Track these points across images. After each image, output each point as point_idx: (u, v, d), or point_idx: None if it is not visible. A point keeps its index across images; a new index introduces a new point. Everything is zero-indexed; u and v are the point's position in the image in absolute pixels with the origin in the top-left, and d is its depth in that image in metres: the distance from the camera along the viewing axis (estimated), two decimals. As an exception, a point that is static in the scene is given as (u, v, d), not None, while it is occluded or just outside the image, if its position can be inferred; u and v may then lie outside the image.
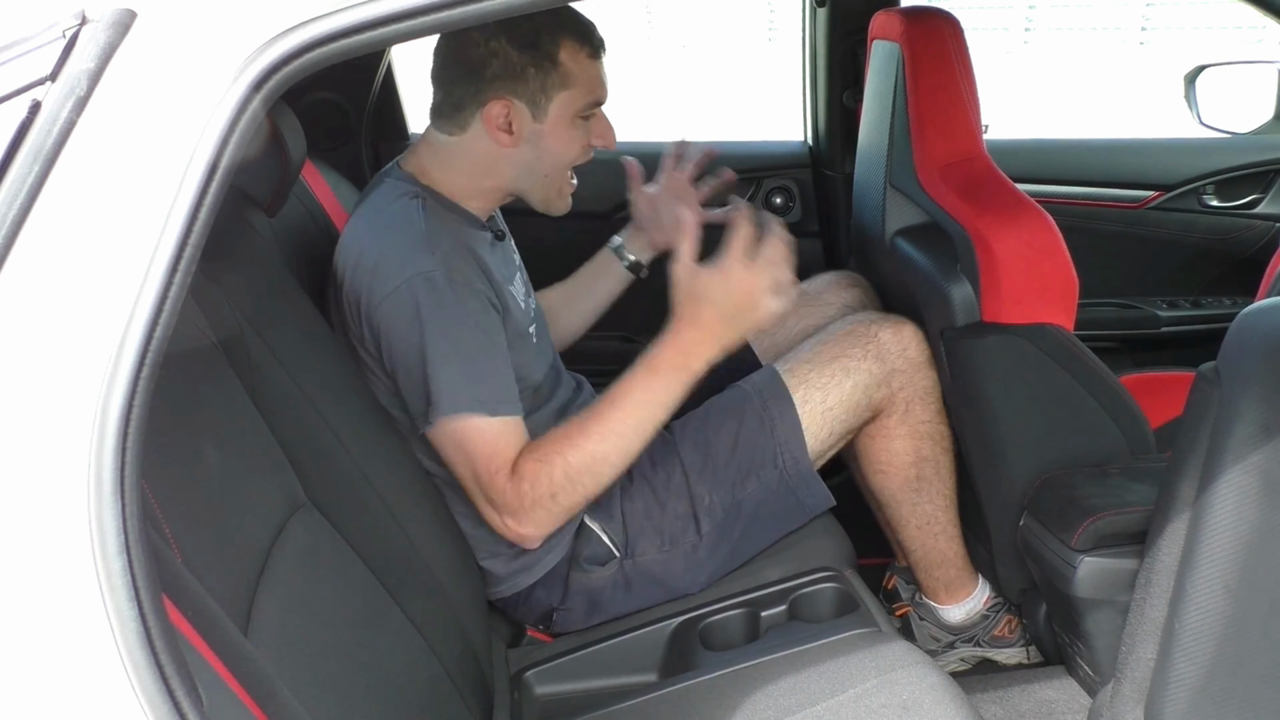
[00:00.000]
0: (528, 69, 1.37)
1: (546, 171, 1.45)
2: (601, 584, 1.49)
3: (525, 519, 1.33)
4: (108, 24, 0.70)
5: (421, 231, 1.35)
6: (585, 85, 1.41)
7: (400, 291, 1.31)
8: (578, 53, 1.39)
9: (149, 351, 0.65)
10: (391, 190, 1.44)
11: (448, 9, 0.72)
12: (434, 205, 1.41)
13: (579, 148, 1.45)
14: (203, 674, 0.67)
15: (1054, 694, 1.57)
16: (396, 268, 1.32)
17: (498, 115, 1.39)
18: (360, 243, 1.39)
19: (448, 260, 1.34)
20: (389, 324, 1.32)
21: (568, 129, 1.42)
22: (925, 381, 1.58)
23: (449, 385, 1.31)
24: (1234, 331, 1.13)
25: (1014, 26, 12.21)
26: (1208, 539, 1.10)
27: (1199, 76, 2.22)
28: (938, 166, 1.56)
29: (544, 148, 1.42)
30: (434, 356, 1.30)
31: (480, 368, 1.33)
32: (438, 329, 1.31)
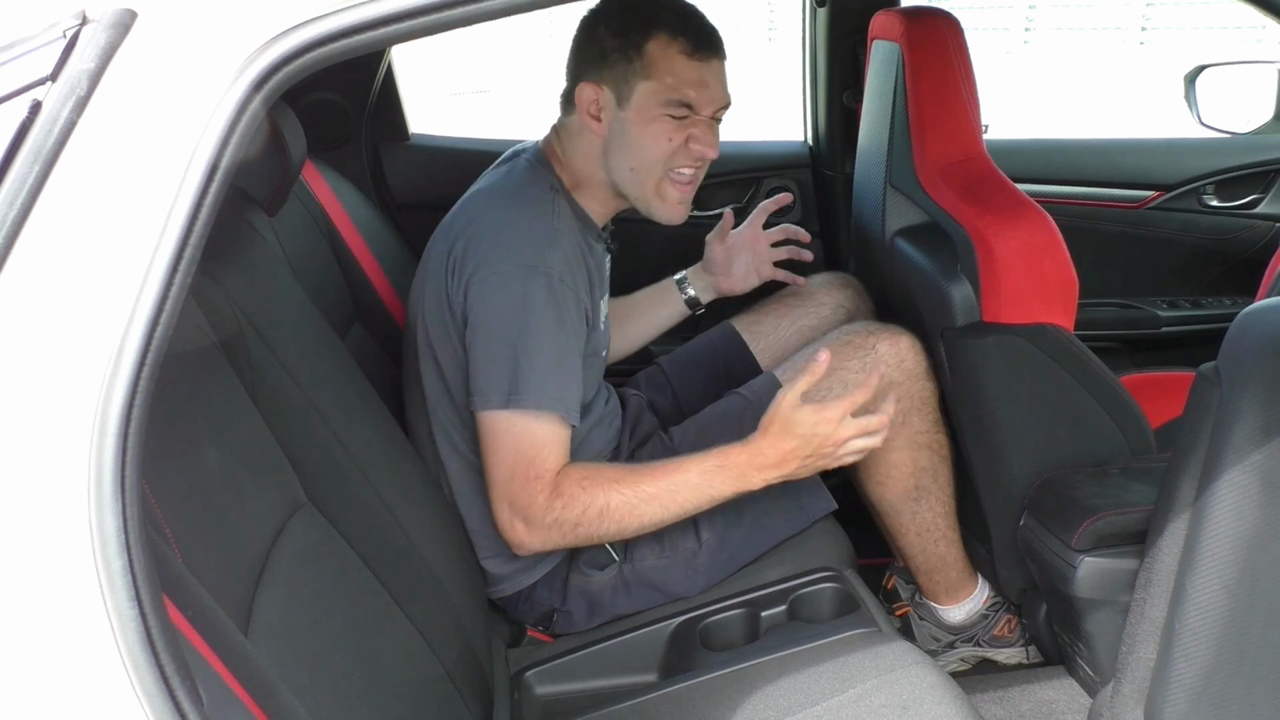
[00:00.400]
0: (614, 53, 1.38)
1: (631, 164, 1.43)
2: (600, 588, 1.49)
3: (537, 532, 1.34)
4: (108, 24, 0.70)
5: (554, 226, 1.37)
6: (670, 80, 1.38)
7: (514, 274, 1.32)
8: (669, 45, 1.37)
9: (149, 351, 0.65)
10: (532, 173, 1.45)
11: (448, 9, 0.72)
12: (563, 205, 1.43)
13: (663, 145, 1.41)
14: (203, 673, 0.67)
15: (1054, 694, 1.57)
16: (520, 250, 1.33)
17: (587, 99, 1.41)
18: (491, 212, 1.40)
19: (567, 261, 1.36)
20: (490, 300, 1.33)
21: (651, 122, 1.40)
22: (923, 392, 1.58)
23: (537, 379, 1.31)
24: (1234, 331, 1.13)
25: (1014, 26, 12.21)
26: (1208, 539, 1.10)
27: (1199, 76, 2.22)
28: (938, 166, 1.56)
29: (628, 138, 1.41)
30: (529, 348, 1.31)
31: (565, 371, 1.35)
32: (539, 323, 1.32)
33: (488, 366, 1.33)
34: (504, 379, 1.32)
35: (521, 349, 1.31)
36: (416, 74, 2.26)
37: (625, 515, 1.34)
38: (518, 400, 1.31)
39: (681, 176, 1.45)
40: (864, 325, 1.63)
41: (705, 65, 1.40)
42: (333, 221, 1.81)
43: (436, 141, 2.48)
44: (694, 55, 1.39)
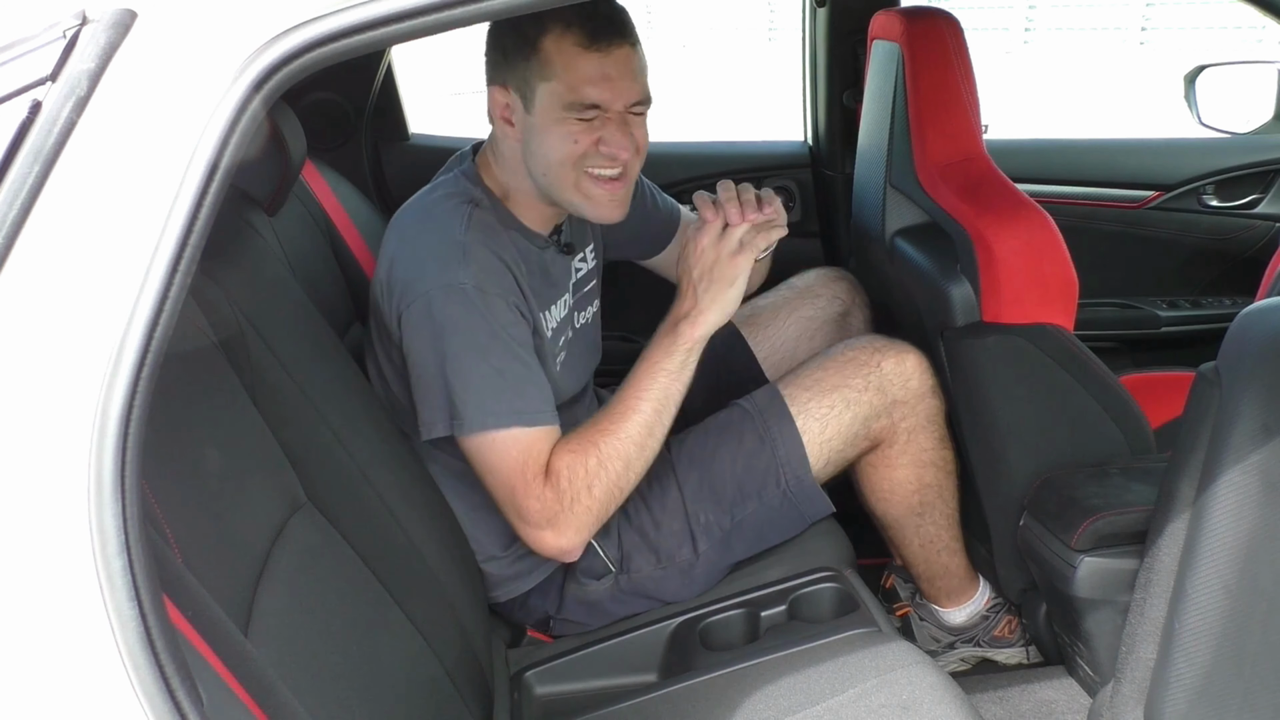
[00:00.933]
0: (514, 54, 1.30)
1: (542, 170, 1.35)
2: (597, 596, 1.49)
3: (564, 524, 1.31)
4: (108, 24, 0.70)
5: (458, 241, 1.32)
6: (568, 79, 1.28)
7: (428, 297, 1.29)
8: (562, 39, 1.27)
9: (149, 351, 0.65)
10: (452, 187, 1.41)
11: (448, 9, 0.72)
12: (484, 215, 1.37)
13: (569, 148, 1.32)
14: (203, 673, 0.67)
15: (1054, 694, 1.57)
16: (431, 273, 1.30)
17: (499, 104, 1.36)
18: (405, 235, 1.37)
19: (483, 271, 1.31)
20: (416, 329, 1.30)
21: (555, 125, 1.31)
22: (929, 410, 1.55)
23: (477, 398, 1.28)
24: (1234, 331, 1.13)
25: (1014, 26, 12.21)
26: (1208, 539, 1.10)
27: (1199, 76, 2.22)
28: (938, 166, 1.56)
29: (536, 143, 1.34)
30: (459, 370, 1.28)
31: (513, 377, 1.31)
32: (465, 340, 1.28)
33: (424, 395, 1.32)
34: (441, 406, 1.30)
35: (450, 374, 1.28)
36: (416, 74, 2.25)
37: (617, 448, 1.33)
38: (464, 426, 1.29)
39: (604, 174, 1.35)
40: (870, 341, 1.58)
41: (606, 57, 1.28)
42: (333, 221, 1.81)
43: (436, 141, 2.48)
44: (591, 47, 1.27)
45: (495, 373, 1.29)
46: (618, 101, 1.31)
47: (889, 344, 1.56)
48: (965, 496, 1.67)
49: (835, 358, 1.55)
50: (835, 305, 1.83)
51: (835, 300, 1.83)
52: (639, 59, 1.34)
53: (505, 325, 1.31)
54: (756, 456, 1.50)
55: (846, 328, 1.83)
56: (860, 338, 1.61)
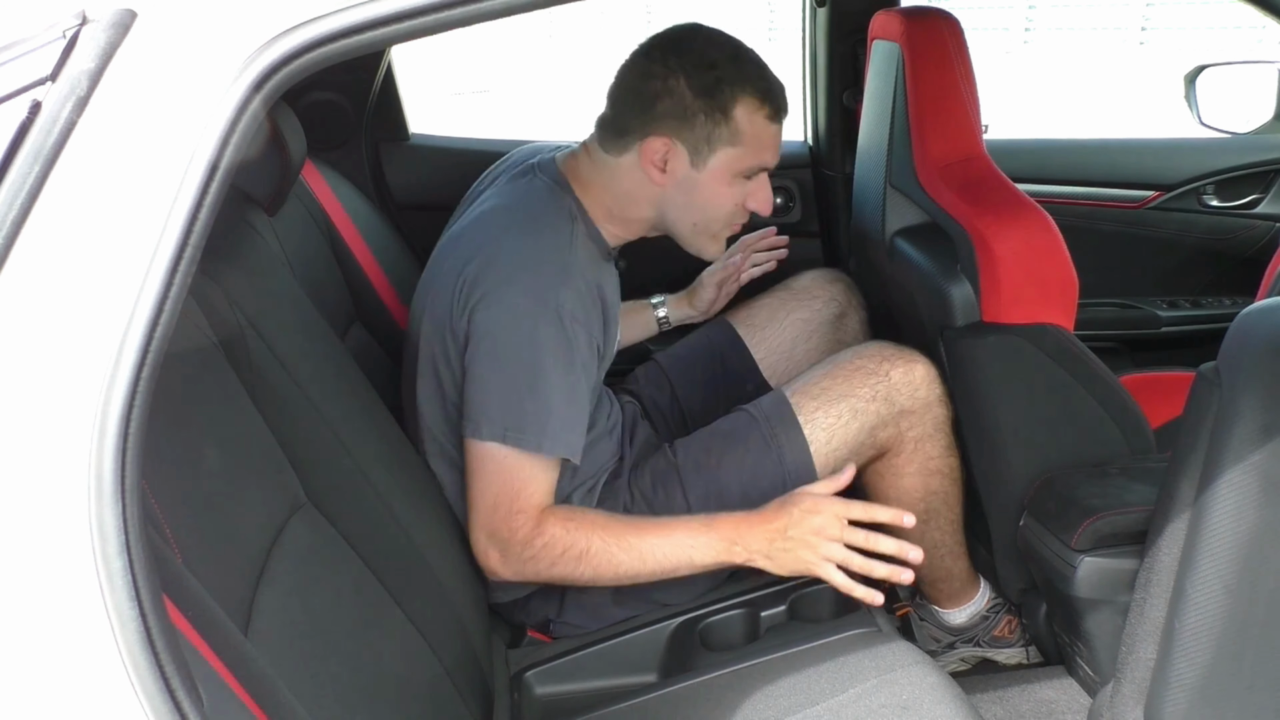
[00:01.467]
0: (698, 115, 1.35)
1: (695, 220, 1.43)
2: (598, 600, 1.49)
3: (512, 562, 1.33)
4: (108, 24, 0.70)
5: (565, 261, 1.33)
6: (754, 147, 1.37)
7: (525, 309, 1.29)
8: (755, 112, 1.36)
9: (149, 352, 0.65)
10: (552, 198, 1.41)
11: (448, 9, 0.72)
12: (582, 234, 1.39)
13: (731, 206, 1.42)
14: (203, 674, 0.67)
15: (1054, 694, 1.57)
16: (533, 286, 1.30)
17: (656, 151, 1.37)
18: (508, 237, 1.34)
19: (579, 298, 1.32)
20: (498, 332, 1.29)
21: (725, 185, 1.39)
22: (936, 419, 1.55)
23: (542, 421, 1.29)
24: (1234, 331, 1.13)
25: (1014, 26, 12.21)
26: (1208, 539, 1.10)
27: (1199, 76, 2.22)
28: (938, 166, 1.56)
29: (696, 197, 1.40)
30: (540, 387, 1.29)
31: (572, 412, 1.32)
32: (548, 364, 1.29)
33: (488, 398, 1.30)
34: (506, 414, 1.29)
35: (528, 388, 1.29)
36: (417, 74, 2.25)
37: (602, 563, 1.32)
38: (517, 439, 1.29)
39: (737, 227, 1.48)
40: (878, 349, 1.57)
41: (780, 128, 1.39)
42: (333, 221, 1.81)
43: (436, 141, 2.48)
44: (775, 119, 1.38)
45: (563, 401, 1.31)
46: (774, 163, 1.43)
47: (897, 352, 1.55)
48: (965, 497, 1.67)
49: (843, 365, 1.54)
50: (832, 307, 1.84)
51: (832, 302, 1.84)
52: None
53: (583, 358, 1.33)
54: (762, 464, 1.49)
55: (843, 329, 1.84)
56: (869, 345, 1.60)
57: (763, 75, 1.37)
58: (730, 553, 1.32)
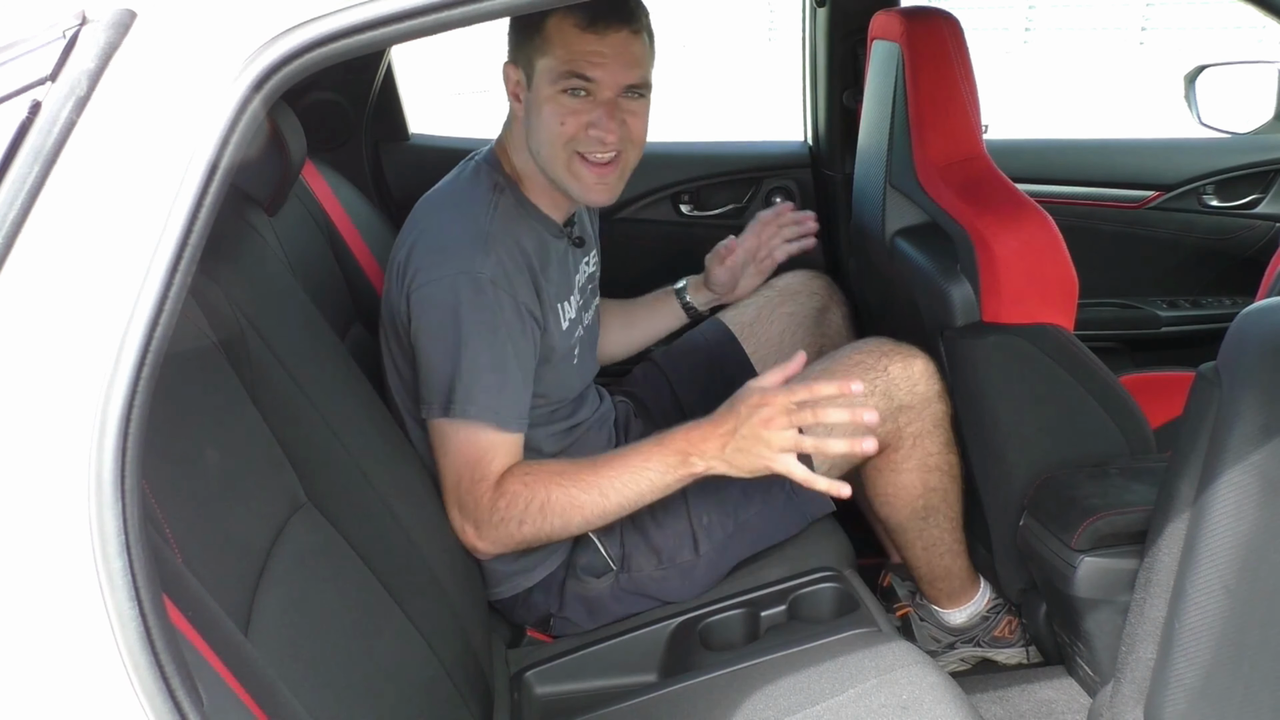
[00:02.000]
0: (521, 31, 1.37)
1: (536, 145, 1.39)
2: (598, 594, 1.49)
3: (486, 531, 1.35)
4: (108, 24, 0.70)
5: (484, 230, 1.35)
6: (564, 55, 1.32)
7: (444, 282, 1.32)
8: (564, 20, 1.32)
9: (149, 352, 0.65)
10: (476, 174, 1.44)
11: (448, 9, 0.72)
12: (509, 204, 1.41)
13: (556, 126, 1.35)
14: (203, 674, 0.67)
15: (1054, 694, 1.57)
16: (451, 258, 1.33)
17: (510, 80, 1.40)
18: (429, 218, 1.40)
19: (500, 265, 1.33)
20: (425, 309, 1.33)
21: (547, 101, 1.35)
22: (935, 415, 1.55)
23: (467, 388, 1.32)
24: (1234, 331, 1.13)
25: (1014, 26, 12.22)
26: (1208, 539, 1.10)
27: (1199, 76, 2.23)
28: (938, 166, 1.56)
29: (533, 119, 1.38)
30: (462, 356, 1.31)
31: (502, 378, 1.34)
32: (471, 330, 1.31)
33: (427, 375, 1.35)
34: (440, 388, 1.33)
35: (455, 358, 1.32)
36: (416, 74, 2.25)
37: (567, 506, 1.33)
38: (452, 409, 1.32)
39: (595, 158, 1.38)
40: (877, 344, 1.57)
41: (602, 39, 1.32)
42: (333, 221, 1.81)
43: (436, 141, 2.48)
44: (589, 28, 1.31)
45: (489, 368, 1.32)
46: (609, 82, 1.34)
47: (896, 348, 1.55)
48: (965, 497, 1.67)
49: (842, 361, 1.55)
50: (814, 302, 1.87)
51: (814, 297, 1.87)
52: (639, 45, 1.36)
53: (508, 324, 1.34)
54: None
55: (826, 323, 1.87)
56: (867, 340, 1.60)
57: None
58: (687, 464, 1.32)
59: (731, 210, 2.38)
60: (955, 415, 1.58)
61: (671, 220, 2.38)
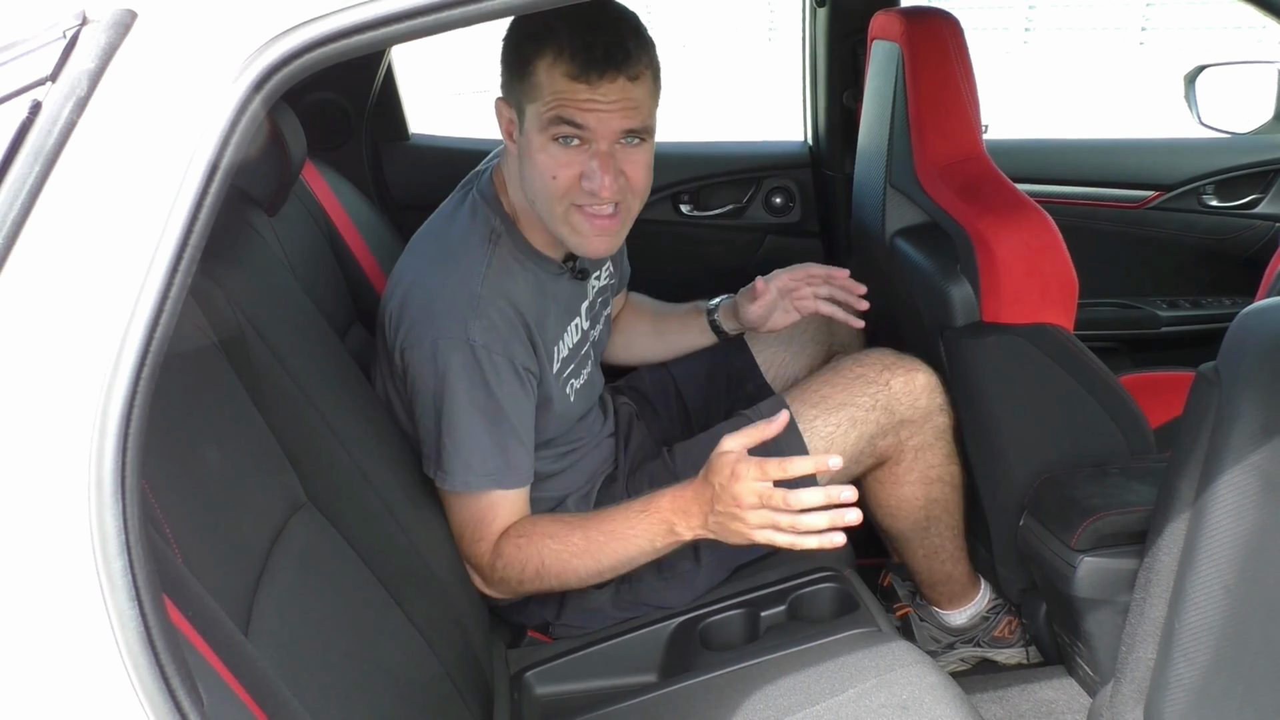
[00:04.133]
0: (511, 69, 1.28)
1: (531, 194, 1.32)
2: (598, 604, 1.49)
3: (491, 585, 1.38)
4: (108, 24, 0.70)
5: (475, 291, 1.30)
6: (553, 102, 1.22)
7: (435, 345, 1.29)
8: (553, 67, 1.22)
9: (149, 352, 0.65)
10: (473, 217, 1.37)
11: (448, 9, 0.72)
12: (504, 255, 1.35)
13: (547, 180, 1.27)
14: (203, 674, 0.67)
15: (1054, 694, 1.57)
16: (440, 323, 1.29)
17: (502, 114, 1.33)
18: (421, 271, 1.35)
19: (492, 328, 1.29)
20: (416, 370, 1.32)
21: (539, 150, 1.26)
22: (937, 428, 1.54)
23: (463, 457, 1.31)
24: (1234, 331, 1.13)
25: (1014, 26, 12.21)
26: (1207, 539, 1.10)
27: (1199, 76, 2.23)
28: (938, 166, 1.56)
29: (525, 165, 1.30)
30: (455, 425, 1.30)
31: (500, 439, 1.32)
32: (464, 396, 1.29)
33: (423, 436, 1.34)
34: (433, 455, 1.33)
35: (445, 428, 1.30)
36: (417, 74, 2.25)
37: (562, 571, 1.32)
38: (444, 479, 1.32)
39: (594, 211, 1.29)
40: (880, 357, 1.55)
41: (594, 90, 1.21)
42: (333, 221, 1.81)
43: (436, 141, 2.48)
44: (580, 77, 1.21)
45: (485, 432, 1.31)
46: (602, 129, 1.24)
47: (899, 361, 1.53)
48: (965, 497, 1.67)
49: (844, 373, 1.53)
50: None
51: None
52: (639, 90, 1.25)
53: (504, 384, 1.31)
54: None
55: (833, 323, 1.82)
56: (870, 352, 1.58)
57: (577, 28, 1.20)
58: (674, 534, 1.28)
59: (731, 210, 2.38)
60: (958, 425, 1.58)
61: (671, 220, 2.38)
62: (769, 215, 2.39)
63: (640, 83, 1.25)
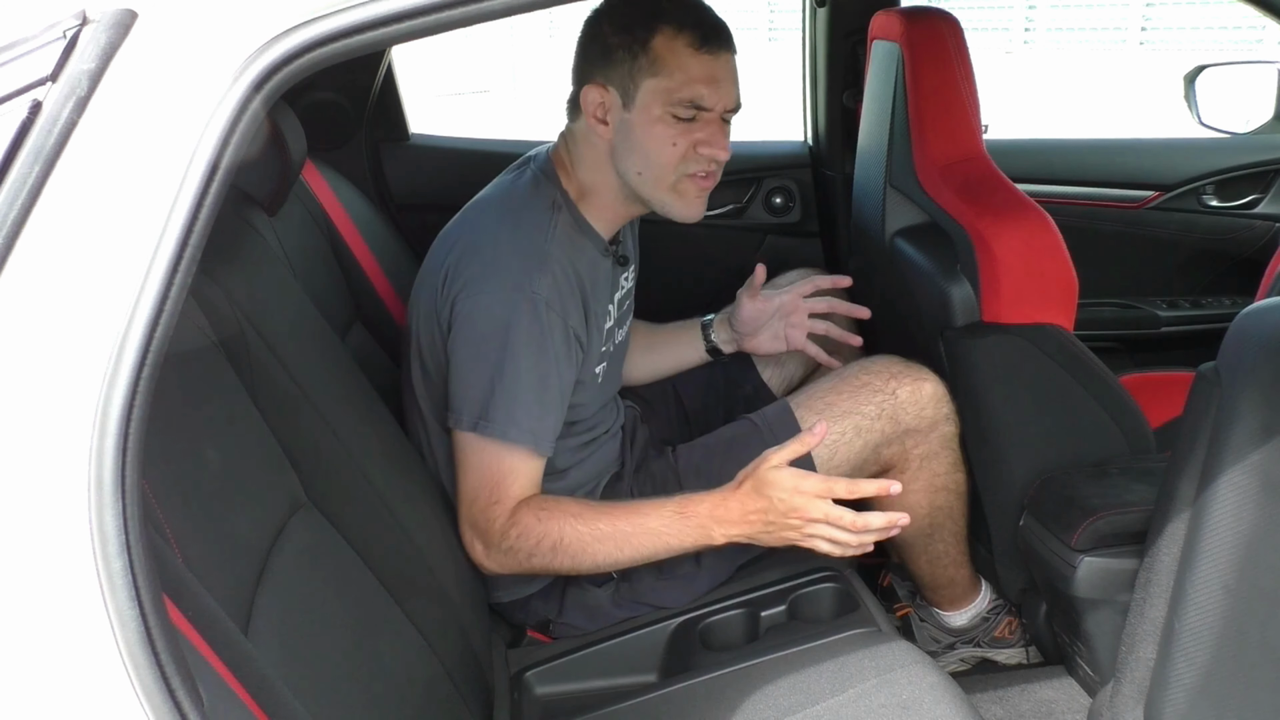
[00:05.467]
0: (618, 51, 1.32)
1: (640, 168, 1.36)
2: (598, 601, 1.49)
3: (494, 554, 1.34)
4: (108, 24, 0.70)
5: (545, 251, 1.33)
6: (679, 77, 1.31)
7: (497, 297, 1.30)
8: (674, 39, 1.30)
9: (149, 351, 0.65)
10: (535, 187, 1.41)
11: (448, 9, 0.72)
12: (566, 223, 1.38)
13: (670, 147, 1.34)
14: (203, 674, 0.67)
15: (1054, 694, 1.57)
16: (507, 273, 1.31)
17: (593, 101, 1.36)
18: (486, 227, 1.37)
19: (555, 287, 1.31)
20: (474, 319, 1.31)
21: (656, 122, 1.33)
22: (942, 436, 1.54)
23: (509, 408, 1.30)
24: (1234, 331, 1.13)
25: (1014, 26, 12.21)
26: (1207, 539, 1.10)
27: (1199, 76, 2.23)
28: (938, 166, 1.56)
29: (634, 140, 1.35)
30: (509, 375, 1.29)
31: (543, 401, 1.32)
32: (518, 350, 1.29)
33: (463, 387, 1.32)
34: (477, 402, 1.31)
35: (498, 375, 1.29)
36: (417, 74, 2.25)
37: (579, 552, 1.31)
38: (486, 426, 1.30)
39: (699, 173, 1.38)
40: (886, 364, 1.54)
41: (715, 59, 1.32)
42: (333, 221, 1.81)
43: (436, 141, 2.48)
44: (703, 49, 1.31)
45: (534, 388, 1.31)
46: (720, 104, 1.35)
47: (905, 369, 1.53)
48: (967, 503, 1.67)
49: (850, 381, 1.53)
50: None
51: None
52: (738, 69, 1.37)
53: (556, 347, 1.32)
54: None
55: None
56: (877, 360, 1.57)
57: (687, 5, 1.33)
58: (708, 538, 1.31)
59: (731, 210, 2.38)
60: (963, 433, 1.57)
61: (671, 220, 2.38)
62: (769, 215, 2.39)
63: (736, 60, 1.38)
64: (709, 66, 1.32)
